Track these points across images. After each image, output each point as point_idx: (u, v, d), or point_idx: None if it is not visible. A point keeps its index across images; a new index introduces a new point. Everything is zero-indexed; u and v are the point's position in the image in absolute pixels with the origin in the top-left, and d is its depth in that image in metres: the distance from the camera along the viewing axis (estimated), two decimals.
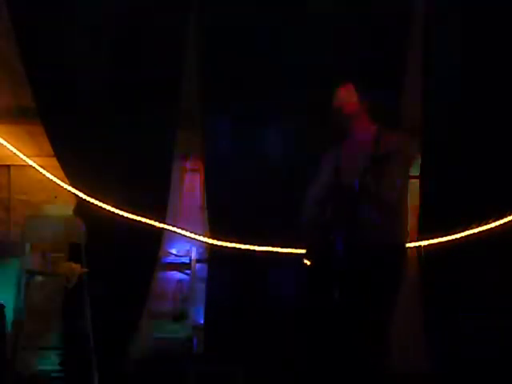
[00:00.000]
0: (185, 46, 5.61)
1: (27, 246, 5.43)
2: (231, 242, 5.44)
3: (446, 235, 5.39)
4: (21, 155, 5.63)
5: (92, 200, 5.46)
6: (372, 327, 4.11)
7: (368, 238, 4.14)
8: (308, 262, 4.35)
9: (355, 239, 4.10)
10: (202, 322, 5.58)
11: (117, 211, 5.44)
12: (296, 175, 5.27)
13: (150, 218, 5.48)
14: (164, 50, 5.53)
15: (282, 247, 5.36)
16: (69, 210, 5.63)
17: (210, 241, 5.55)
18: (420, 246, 5.47)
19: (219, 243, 5.49)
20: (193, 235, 5.63)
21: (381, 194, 4.17)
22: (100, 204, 5.45)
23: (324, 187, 4.31)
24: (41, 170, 5.62)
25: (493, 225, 5.36)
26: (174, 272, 5.75)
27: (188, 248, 5.73)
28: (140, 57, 5.54)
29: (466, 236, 5.36)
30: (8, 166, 5.70)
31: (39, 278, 5.28)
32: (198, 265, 5.72)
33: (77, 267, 5.25)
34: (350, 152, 4.20)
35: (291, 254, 5.29)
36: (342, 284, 4.08)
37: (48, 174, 5.61)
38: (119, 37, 5.54)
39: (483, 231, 5.35)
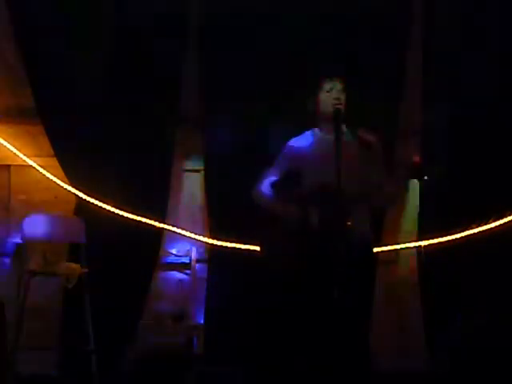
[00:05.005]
0: (185, 46, 5.61)
1: (27, 246, 5.43)
2: (231, 242, 5.44)
3: (446, 235, 5.39)
4: (21, 155, 5.62)
5: (92, 200, 5.46)
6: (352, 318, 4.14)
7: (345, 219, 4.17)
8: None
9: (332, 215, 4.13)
10: (202, 321, 5.58)
11: (117, 211, 5.44)
12: None
13: (150, 218, 5.48)
14: (164, 49, 5.53)
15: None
16: (69, 209, 5.63)
17: (210, 241, 5.55)
18: (420, 245, 5.48)
19: (219, 243, 5.49)
20: (193, 235, 5.63)
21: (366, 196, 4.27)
22: (100, 204, 5.45)
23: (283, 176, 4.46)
24: (41, 170, 5.62)
25: (493, 225, 5.37)
26: (174, 272, 5.75)
27: (188, 248, 5.73)
28: (140, 57, 5.54)
29: (465, 236, 5.37)
30: (8, 166, 5.69)
31: (39, 278, 5.27)
32: (197, 265, 5.71)
33: (77, 267, 5.25)
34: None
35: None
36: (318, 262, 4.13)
37: (48, 174, 5.61)
38: (119, 37, 5.54)
39: (483, 231, 5.35)
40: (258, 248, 4.72)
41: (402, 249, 5.66)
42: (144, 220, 5.45)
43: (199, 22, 5.61)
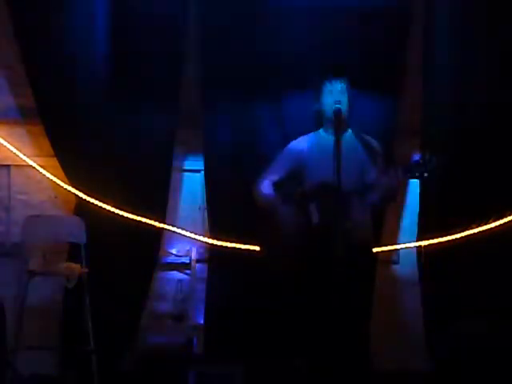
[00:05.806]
0: (184, 46, 5.61)
1: (27, 246, 5.44)
2: (231, 242, 5.44)
3: (446, 235, 5.39)
4: (21, 155, 5.63)
5: (92, 200, 5.46)
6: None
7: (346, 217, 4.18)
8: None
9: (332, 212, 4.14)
10: (202, 322, 5.58)
11: (117, 211, 5.44)
12: None
13: (150, 218, 5.48)
14: (164, 49, 5.53)
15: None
16: (69, 209, 5.63)
17: (210, 241, 5.55)
18: (420, 246, 5.48)
19: (219, 243, 5.50)
20: (193, 235, 5.63)
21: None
22: (100, 204, 5.45)
23: (284, 176, 4.51)
24: (41, 170, 5.62)
25: (493, 225, 5.37)
26: (174, 272, 5.76)
27: (188, 248, 5.73)
28: (140, 57, 5.53)
29: (465, 236, 5.37)
30: (8, 166, 5.70)
31: (39, 278, 5.27)
32: (198, 265, 5.72)
33: (77, 267, 5.25)
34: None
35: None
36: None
37: (48, 174, 5.61)
38: (119, 37, 5.54)
39: (483, 231, 5.35)
40: (257, 248, 4.73)
41: (401, 249, 5.67)
42: (144, 220, 5.45)
43: (199, 22, 5.61)
